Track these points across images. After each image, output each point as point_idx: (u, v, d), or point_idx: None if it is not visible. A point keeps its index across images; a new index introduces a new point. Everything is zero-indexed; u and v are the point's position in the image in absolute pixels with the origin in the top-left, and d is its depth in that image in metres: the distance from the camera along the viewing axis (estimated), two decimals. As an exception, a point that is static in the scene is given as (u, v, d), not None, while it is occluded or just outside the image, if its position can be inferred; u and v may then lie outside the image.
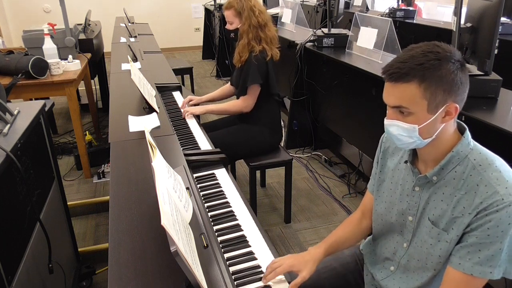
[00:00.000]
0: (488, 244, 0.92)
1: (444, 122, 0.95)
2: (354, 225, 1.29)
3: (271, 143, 2.43)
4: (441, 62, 0.90)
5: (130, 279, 0.97)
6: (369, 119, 2.73)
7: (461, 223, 0.96)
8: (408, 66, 0.91)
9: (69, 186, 3.01)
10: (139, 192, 1.32)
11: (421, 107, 0.93)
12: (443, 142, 0.98)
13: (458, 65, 0.92)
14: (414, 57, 0.92)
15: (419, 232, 1.07)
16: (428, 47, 0.93)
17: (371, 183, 1.28)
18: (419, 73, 0.90)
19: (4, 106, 1.50)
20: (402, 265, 1.13)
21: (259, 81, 2.24)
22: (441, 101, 0.92)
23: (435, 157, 1.01)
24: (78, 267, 2.06)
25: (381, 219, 1.19)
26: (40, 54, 2.81)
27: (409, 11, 4.79)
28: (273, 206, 2.78)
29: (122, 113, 2.04)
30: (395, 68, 0.93)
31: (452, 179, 0.98)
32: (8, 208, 1.29)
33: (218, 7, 5.73)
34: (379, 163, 1.21)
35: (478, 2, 1.95)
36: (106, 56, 4.24)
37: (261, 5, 2.30)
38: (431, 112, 0.93)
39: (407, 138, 0.97)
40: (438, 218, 1.01)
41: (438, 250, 1.01)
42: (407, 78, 0.91)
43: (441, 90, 0.91)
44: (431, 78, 0.90)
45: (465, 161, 0.97)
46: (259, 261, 1.13)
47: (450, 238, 0.98)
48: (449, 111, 0.94)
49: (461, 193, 0.96)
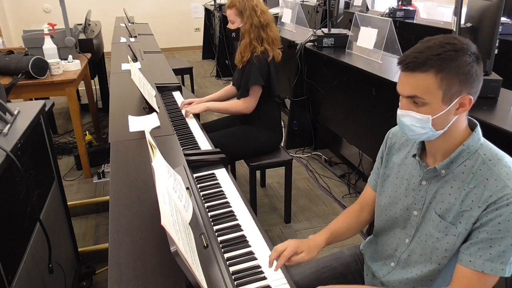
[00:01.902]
0: (499, 240, 0.91)
1: (457, 114, 0.95)
2: (353, 217, 1.29)
3: (271, 144, 2.43)
4: (458, 53, 0.91)
5: (130, 279, 0.97)
6: (369, 119, 2.73)
7: (470, 217, 0.96)
8: (425, 56, 0.91)
9: (69, 186, 3.01)
10: (139, 192, 1.32)
11: (436, 97, 0.93)
12: (454, 135, 0.99)
13: (474, 57, 0.92)
14: (431, 48, 0.92)
15: (424, 226, 1.07)
16: (446, 39, 0.93)
17: (372, 177, 1.28)
18: (436, 63, 0.90)
19: (4, 106, 1.50)
20: (403, 260, 1.13)
21: (261, 83, 2.23)
22: (456, 92, 0.92)
23: (445, 150, 1.01)
24: (78, 267, 2.06)
25: (385, 214, 1.19)
26: (40, 54, 2.81)
27: (409, 11, 4.79)
28: (273, 206, 2.78)
29: (122, 113, 2.04)
30: (412, 57, 0.93)
31: (461, 173, 0.98)
32: (8, 208, 1.29)
33: (218, 7, 5.73)
34: (383, 158, 1.21)
35: (478, 2, 1.95)
36: (106, 56, 4.24)
37: (263, 5, 2.29)
38: (445, 102, 0.93)
39: (420, 129, 0.97)
40: (445, 211, 1.01)
41: (445, 244, 1.01)
42: (424, 68, 0.91)
43: (457, 81, 0.91)
44: (448, 68, 0.90)
45: (475, 156, 0.97)
46: (259, 261, 1.13)
47: (458, 232, 0.98)
48: (463, 102, 0.94)
49: (470, 186, 0.96)
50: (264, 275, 1.08)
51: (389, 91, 2.30)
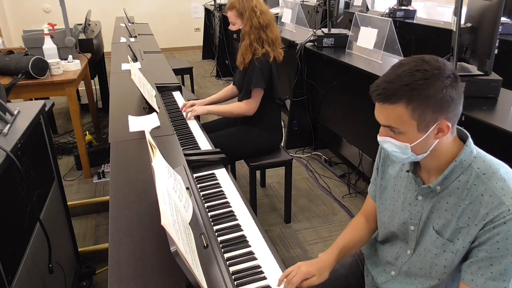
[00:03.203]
0: (499, 258, 0.89)
1: (437, 139, 0.93)
2: (360, 229, 1.27)
3: (271, 144, 2.43)
4: (429, 81, 0.87)
5: (130, 279, 0.97)
6: (369, 119, 2.70)
7: (467, 234, 0.94)
8: (394, 86, 0.88)
9: (69, 186, 3.01)
10: (139, 192, 1.32)
11: (410, 126, 0.91)
12: (443, 152, 0.96)
13: (448, 81, 0.88)
14: (401, 77, 0.89)
15: (423, 241, 1.05)
16: (416, 65, 0.89)
17: (371, 188, 1.26)
18: (406, 94, 0.87)
19: (4, 106, 1.50)
20: (403, 271, 1.12)
21: (263, 85, 2.23)
22: (432, 120, 0.90)
23: (437, 166, 0.99)
24: (78, 267, 2.06)
25: (384, 227, 1.18)
26: (40, 54, 2.81)
27: (409, 11, 4.79)
28: (273, 206, 2.78)
29: (122, 113, 2.04)
30: (381, 88, 0.90)
31: (456, 188, 0.96)
32: (8, 208, 1.29)
33: (218, 7, 5.73)
34: (379, 169, 1.19)
35: (478, 2, 1.95)
36: (106, 56, 4.24)
37: (263, 6, 2.27)
38: (421, 131, 0.91)
39: (401, 154, 0.96)
40: (442, 227, 0.99)
41: (444, 261, 0.99)
42: (393, 100, 0.89)
43: (430, 110, 0.88)
44: (418, 98, 0.87)
45: (469, 170, 0.94)
46: (259, 261, 1.13)
47: (456, 249, 0.96)
48: (441, 128, 0.91)
49: (465, 203, 0.94)
50: (264, 275, 1.08)
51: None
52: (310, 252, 2.33)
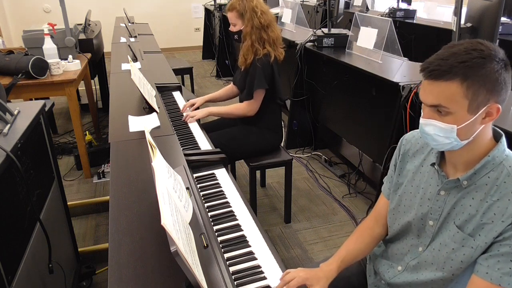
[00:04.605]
0: None
1: (483, 123, 0.92)
2: (366, 235, 1.24)
3: (271, 145, 2.43)
4: (485, 60, 0.86)
5: (130, 279, 0.97)
6: (369, 119, 2.73)
7: (491, 230, 0.93)
8: (450, 63, 0.87)
9: (69, 186, 3.01)
10: (139, 192, 1.32)
11: (461, 106, 0.88)
12: (478, 145, 0.95)
13: (502, 64, 0.88)
14: (456, 55, 0.87)
15: (440, 236, 1.04)
16: (471, 45, 0.88)
17: (385, 186, 1.24)
18: (462, 70, 0.86)
19: (4, 106, 1.50)
20: (411, 266, 1.11)
21: (265, 86, 2.23)
22: (483, 101, 0.88)
23: (467, 160, 0.97)
24: (78, 267, 2.06)
25: (398, 223, 1.15)
26: (40, 54, 2.81)
27: (409, 11, 4.80)
28: (273, 206, 2.78)
29: (122, 113, 2.04)
30: (435, 65, 0.88)
31: (484, 184, 0.95)
32: (8, 208, 1.29)
33: (218, 7, 5.73)
34: (397, 166, 1.17)
35: (478, 2, 1.95)
36: (106, 56, 4.24)
37: (263, 6, 2.27)
38: (471, 112, 0.89)
39: (444, 139, 0.93)
40: (464, 223, 0.98)
41: (461, 256, 0.98)
42: (449, 76, 0.87)
43: (484, 90, 0.87)
44: (474, 76, 0.86)
45: (500, 167, 0.93)
46: (259, 261, 1.13)
47: (477, 245, 0.95)
48: (490, 111, 0.90)
49: (493, 199, 0.93)
50: (264, 275, 1.08)
51: (389, 91, 2.30)
52: (310, 252, 2.33)
